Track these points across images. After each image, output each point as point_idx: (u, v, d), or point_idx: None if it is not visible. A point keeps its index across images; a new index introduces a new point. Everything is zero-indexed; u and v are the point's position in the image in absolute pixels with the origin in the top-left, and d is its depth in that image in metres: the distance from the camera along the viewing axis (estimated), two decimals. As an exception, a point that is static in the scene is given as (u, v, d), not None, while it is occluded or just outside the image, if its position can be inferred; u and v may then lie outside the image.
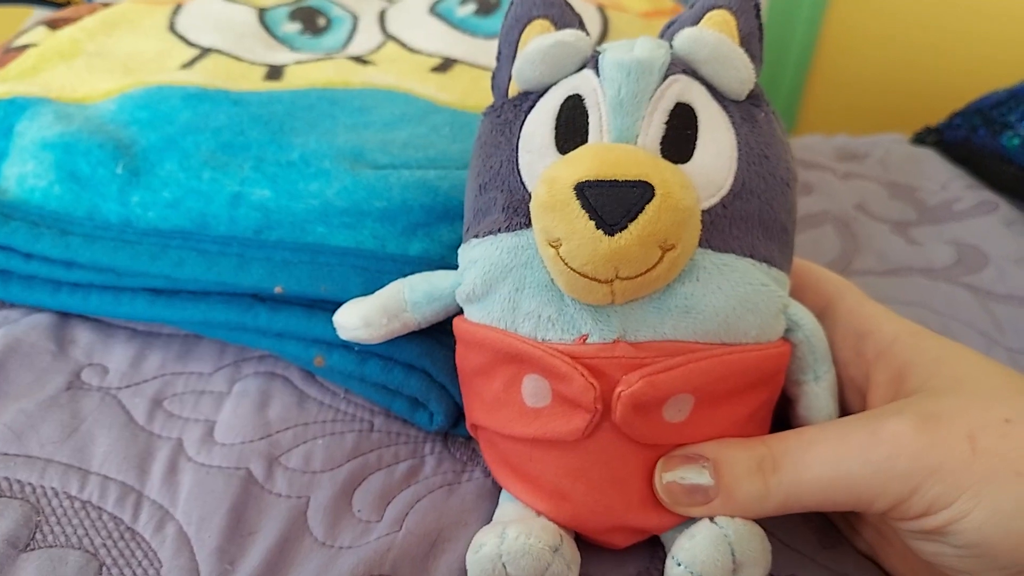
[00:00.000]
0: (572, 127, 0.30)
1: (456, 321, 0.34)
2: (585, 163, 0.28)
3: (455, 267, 0.35)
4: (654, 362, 0.29)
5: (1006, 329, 0.52)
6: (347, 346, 0.39)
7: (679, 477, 0.31)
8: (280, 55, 0.56)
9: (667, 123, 0.30)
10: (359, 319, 0.35)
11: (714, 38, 0.30)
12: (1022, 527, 0.27)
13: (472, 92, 0.51)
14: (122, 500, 0.36)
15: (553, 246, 0.28)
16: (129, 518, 0.36)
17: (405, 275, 0.36)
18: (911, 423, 0.29)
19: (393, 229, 0.40)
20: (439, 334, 0.38)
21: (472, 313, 0.33)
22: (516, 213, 0.31)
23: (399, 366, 0.39)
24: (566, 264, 0.28)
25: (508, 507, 0.34)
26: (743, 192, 0.30)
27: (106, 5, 0.62)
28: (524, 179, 0.31)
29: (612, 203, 0.27)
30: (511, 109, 0.33)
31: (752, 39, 0.32)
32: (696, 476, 0.30)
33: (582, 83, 0.31)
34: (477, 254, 0.32)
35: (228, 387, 0.42)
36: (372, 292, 0.36)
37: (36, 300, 0.45)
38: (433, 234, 0.41)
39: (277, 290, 0.39)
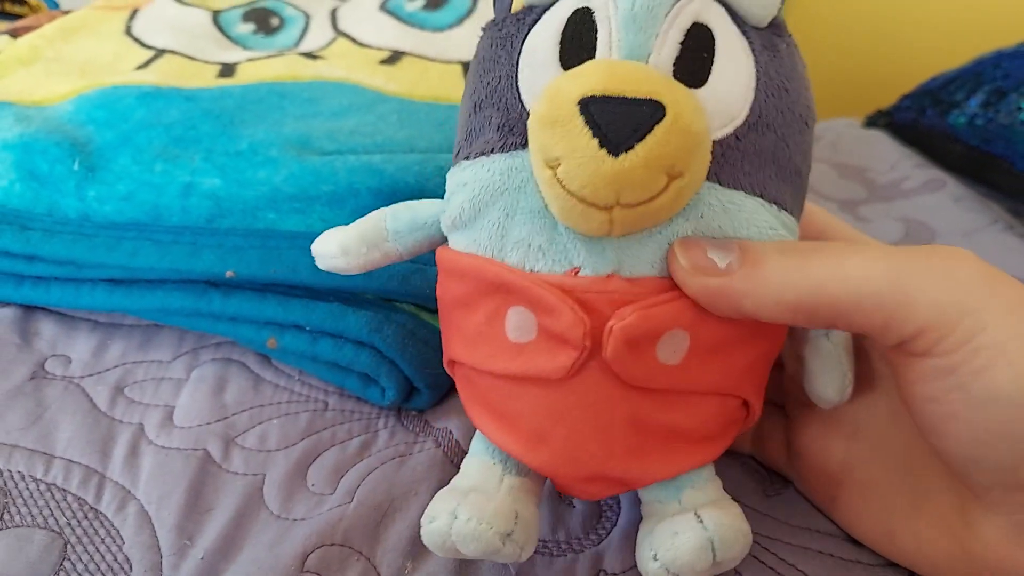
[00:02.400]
0: (579, 42, 0.27)
1: (439, 251, 0.32)
2: (592, 77, 0.25)
3: None
4: (649, 297, 0.27)
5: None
6: (298, 326, 0.40)
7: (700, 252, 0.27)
8: (233, 54, 0.58)
9: (682, 43, 0.27)
10: (337, 246, 0.33)
11: None
12: None
13: (420, 82, 0.52)
14: (85, 482, 0.38)
15: (551, 166, 0.25)
16: (92, 499, 0.37)
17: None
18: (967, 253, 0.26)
19: (341, 212, 0.42)
20: (388, 310, 0.39)
21: (457, 241, 0.31)
22: (512, 132, 0.29)
23: (349, 343, 0.40)
24: (563, 187, 0.25)
25: (473, 464, 0.33)
26: (759, 124, 0.28)
27: (65, 14, 0.64)
28: (523, 96, 0.29)
29: (619, 120, 0.24)
30: (513, 23, 0.30)
31: None
32: (719, 255, 0.27)
33: None
34: (467, 176, 0.30)
35: (186, 373, 0.43)
36: (322, 274, 0.37)
37: (0, 295, 0.46)
38: (380, 216, 0.42)
39: (228, 274, 0.40)
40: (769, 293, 0.27)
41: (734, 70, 0.28)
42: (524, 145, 0.28)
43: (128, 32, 0.59)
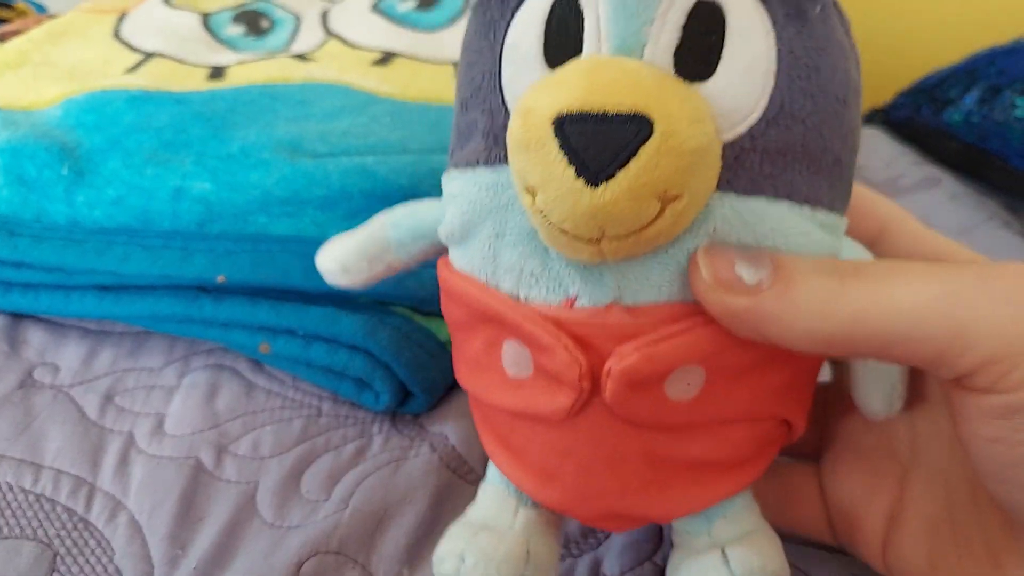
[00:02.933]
0: (564, 34, 0.23)
1: (440, 264, 0.29)
2: (569, 88, 0.21)
3: None
4: (655, 330, 0.24)
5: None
6: (291, 331, 0.40)
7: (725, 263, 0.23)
8: (223, 56, 0.57)
9: (685, 27, 0.22)
10: (337, 265, 0.30)
11: None
12: None
13: (412, 83, 0.52)
14: (75, 492, 0.37)
15: (530, 193, 0.22)
16: (82, 509, 0.36)
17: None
18: None
19: (334, 215, 0.41)
20: (381, 313, 0.39)
21: (455, 257, 0.27)
22: (496, 143, 0.25)
23: (343, 348, 0.39)
24: (544, 217, 0.22)
25: (487, 495, 0.31)
26: (780, 117, 0.23)
27: (52, 18, 0.63)
28: (507, 98, 0.25)
29: (597, 144, 0.21)
30: (497, 5, 0.26)
31: None
32: (748, 271, 0.23)
33: None
34: (456, 189, 0.27)
35: (178, 381, 0.43)
36: (315, 278, 0.36)
37: (-12, 302, 0.45)
38: (373, 219, 0.42)
39: (220, 279, 0.40)
40: (801, 321, 0.23)
41: (749, 54, 0.23)
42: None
43: (117, 35, 0.59)
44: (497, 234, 0.25)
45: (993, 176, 0.71)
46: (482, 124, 0.26)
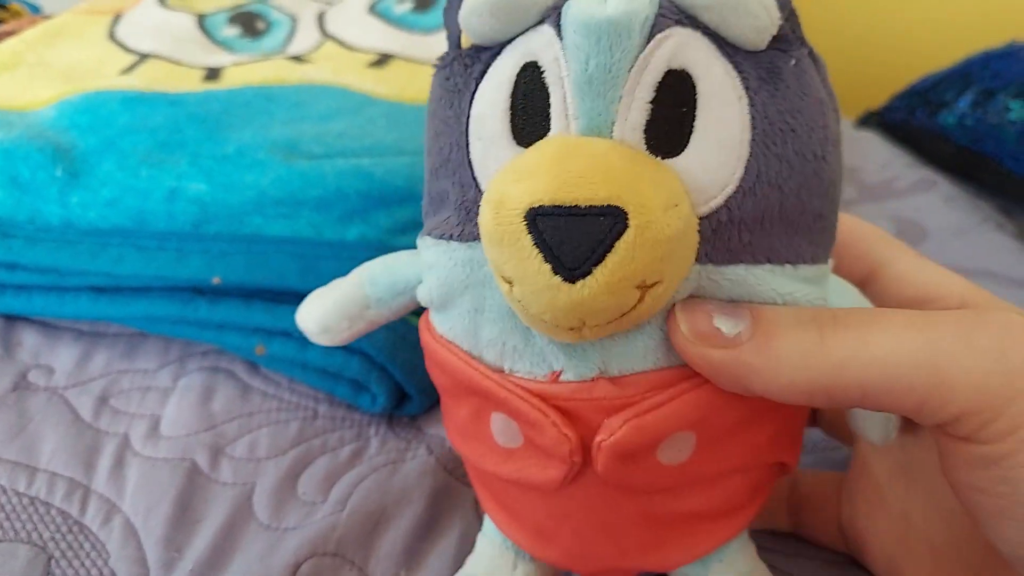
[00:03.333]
0: (530, 110, 0.23)
1: (421, 326, 0.28)
2: (539, 178, 0.21)
3: (396, 249, 0.31)
4: (642, 399, 0.23)
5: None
6: (287, 333, 0.40)
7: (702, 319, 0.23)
8: (219, 58, 0.57)
9: (653, 102, 0.22)
10: (317, 325, 0.30)
11: None
12: None
13: (409, 85, 0.52)
14: (70, 495, 0.37)
15: (507, 282, 0.22)
16: (77, 512, 0.36)
17: (343, 261, 0.36)
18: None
19: (329, 216, 0.41)
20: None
21: (437, 321, 0.27)
22: (468, 218, 0.24)
23: (339, 349, 0.39)
24: (522, 306, 0.22)
25: (484, 548, 0.31)
26: (757, 186, 0.22)
27: (47, 18, 0.63)
28: (476, 173, 0.24)
29: (572, 240, 0.20)
30: (460, 72, 0.25)
31: None
32: (727, 324, 0.22)
33: (540, 48, 0.22)
34: (432, 258, 0.26)
35: (173, 382, 0.43)
36: (310, 279, 0.36)
37: (-19, 305, 0.45)
38: (370, 219, 0.41)
39: (215, 281, 0.40)
40: (782, 373, 0.22)
41: (722, 123, 0.22)
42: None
43: (112, 36, 0.59)
44: (476, 309, 0.25)
45: (987, 179, 0.71)
46: (453, 196, 0.25)
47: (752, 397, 0.23)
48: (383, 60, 0.56)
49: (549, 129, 0.22)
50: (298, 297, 0.40)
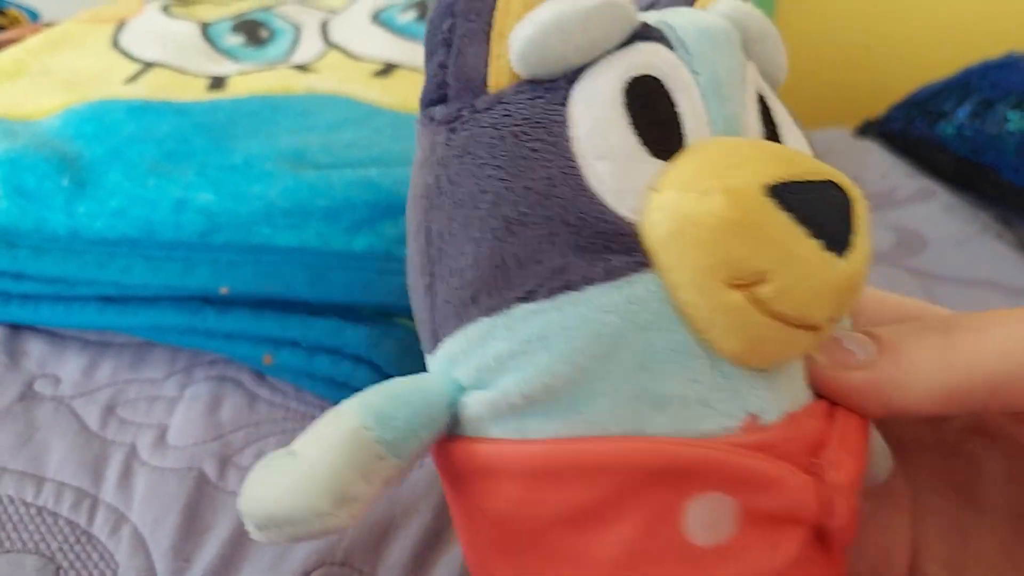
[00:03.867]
0: (658, 119, 0.20)
1: (483, 450, 0.21)
2: (752, 163, 0.19)
3: (399, 263, 0.30)
4: (831, 427, 0.21)
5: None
6: (295, 343, 0.40)
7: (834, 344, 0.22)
8: (223, 66, 0.57)
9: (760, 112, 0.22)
10: (331, 498, 0.19)
11: (758, 11, 0.22)
12: None
13: (414, 95, 0.52)
14: (77, 505, 0.37)
15: (741, 285, 0.18)
16: (85, 522, 0.36)
17: (350, 271, 0.37)
18: None
19: (337, 227, 0.41)
20: (385, 325, 0.38)
21: (529, 426, 0.20)
22: (610, 250, 0.19)
23: (347, 359, 0.39)
24: (767, 310, 0.19)
25: None
26: None
27: (47, 26, 0.63)
28: (607, 199, 0.20)
29: (829, 211, 0.18)
30: (526, 104, 0.20)
31: None
32: (858, 346, 0.22)
33: (653, 60, 0.21)
34: (536, 329, 0.20)
35: (180, 392, 0.43)
36: (318, 289, 0.37)
37: (-14, 314, 0.45)
38: (377, 229, 0.42)
39: (223, 291, 0.40)
40: (919, 380, 0.22)
41: (797, 140, 0.22)
42: (640, 265, 0.19)
43: (115, 45, 0.59)
44: (640, 364, 0.19)
45: (986, 188, 0.72)
46: (567, 238, 0.20)
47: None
48: (388, 70, 0.56)
49: (683, 137, 0.20)
50: (306, 307, 0.40)
